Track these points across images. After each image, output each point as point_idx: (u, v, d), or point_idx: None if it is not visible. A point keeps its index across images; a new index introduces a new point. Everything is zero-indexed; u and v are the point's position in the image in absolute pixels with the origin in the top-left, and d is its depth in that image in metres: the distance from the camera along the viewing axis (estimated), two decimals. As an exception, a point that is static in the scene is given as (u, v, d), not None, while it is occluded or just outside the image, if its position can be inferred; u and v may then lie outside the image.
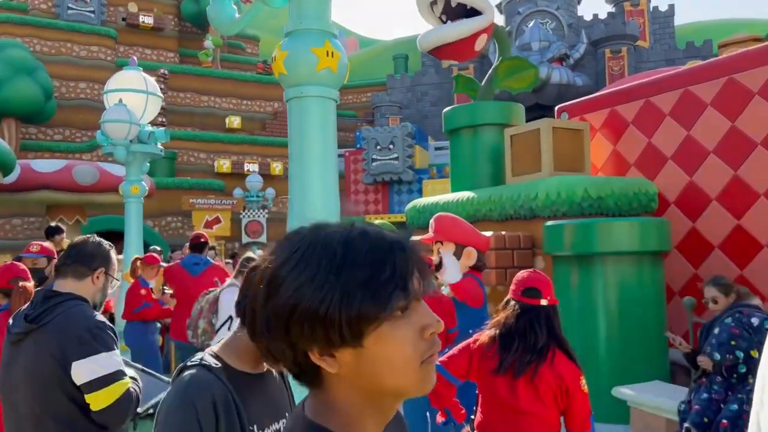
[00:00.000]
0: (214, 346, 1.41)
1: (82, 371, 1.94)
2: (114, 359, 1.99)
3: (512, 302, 2.52)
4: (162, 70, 20.46)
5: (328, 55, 2.23)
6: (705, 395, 3.51)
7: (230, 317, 4.52)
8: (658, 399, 4.07)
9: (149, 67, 20.47)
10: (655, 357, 5.01)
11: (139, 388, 2.12)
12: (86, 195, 11.52)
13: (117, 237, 7.70)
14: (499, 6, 26.39)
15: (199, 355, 1.37)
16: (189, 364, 1.36)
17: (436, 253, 4.92)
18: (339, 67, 2.34)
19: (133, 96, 6.12)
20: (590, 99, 7.23)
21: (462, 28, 6.85)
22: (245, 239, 18.91)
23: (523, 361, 2.38)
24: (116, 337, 2.04)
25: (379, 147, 21.05)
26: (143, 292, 5.34)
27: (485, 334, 2.52)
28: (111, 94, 6.18)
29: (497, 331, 2.48)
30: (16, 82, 17.02)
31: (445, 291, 4.65)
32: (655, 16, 24.43)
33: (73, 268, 2.10)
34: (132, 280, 5.40)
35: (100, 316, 2.05)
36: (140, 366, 2.28)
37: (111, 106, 5.99)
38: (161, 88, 20.76)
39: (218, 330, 4.48)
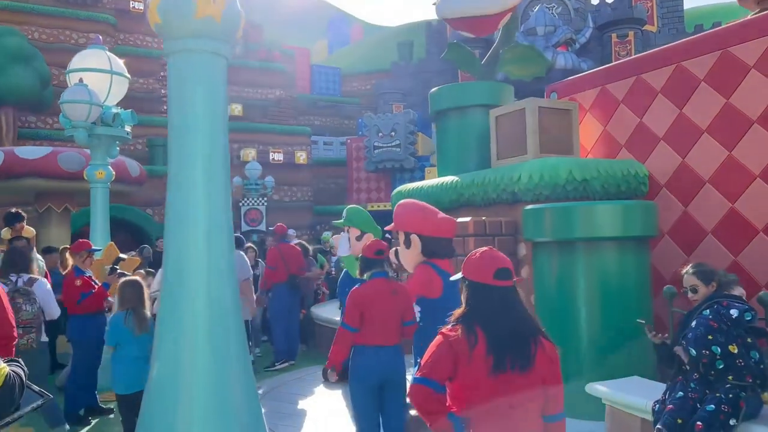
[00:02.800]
0: None
1: None
2: None
3: (480, 286, 2.16)
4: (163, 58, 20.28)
5: (208, 0, 1.91)
6: (680, 394, 3.19)
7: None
8: (633, 397, 3.75)
9: (150, 55, 20.26)
10: (639, 350, 4.69)
11: (17, 373, 1.88)
12: (75, 182, 11.29)
13: (111, 225, 7.41)
14: (504, -10, 25.82)
15: None
16: None
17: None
18: (225, 17, 1.99)
19: (97, 76, 5.84)
20: (580, 77, 6.86)
21: (496, 3, 6.44)
22: (244, 227, 18.74)
23: (524, 353, 2.08)
24: None
25: (381, 134, 20.71)
26: (78, 282, 5.11)
27: (458, 329, 2.13)
28: (73, 74, 5.92)
29: (475, 324, 2.10)
30: (12, 70, 16.88)
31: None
32: (664, 0, 23.76)
33: None
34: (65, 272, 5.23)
35: None
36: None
37: (70, 87, 5.72)
38: (163, 76, 20.60)
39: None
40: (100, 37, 6.72)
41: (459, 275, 2.28)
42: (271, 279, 7.76)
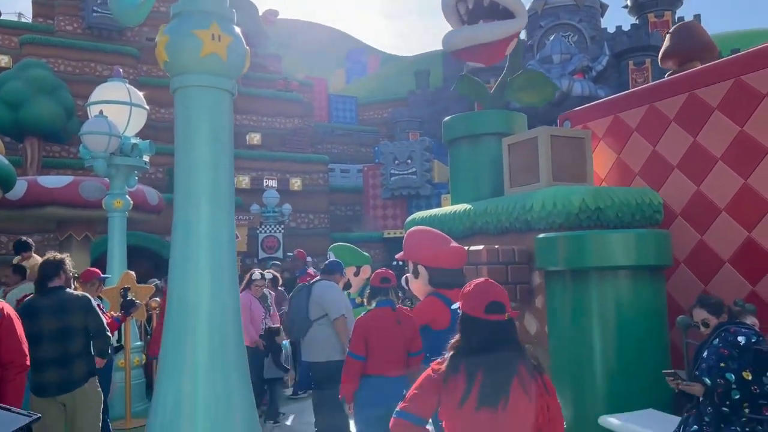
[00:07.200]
0: None
1: None
2: None
3: (471, 319, 2.11)
4: (181, 88, 20.72)
5: (214, 39, 1.96)
6: (695, 427, 3.11)
7: None
8: (646, 430, 3.67)
9: (170, 85, 20.67)
10: (654, 382, 4.59)
11: None
12: (95, 210, 11.47)
13: (132, 253, 7.38)
14: (520, 19, 26.08)
15: None
16: None
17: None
18: (230, 54, 2.05)
19: (116, 108, 6.00)
20: (592, 106, 6.87)
21: (498, 30, 6.51)
22: (261, 255, 18.83)
23: (501, 390, 1.96)
24: None
25: (397, 161, 20.86)
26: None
27: (445, 361, 2.11)
28: (94, 106, 6.09)
29: (461, 357, 2.06)
30: (37, 102, 17.33)
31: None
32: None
33: None
34: None
35: None
36: None
37: (90, 118, 5.89)
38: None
39: None
40: (121, 69, 6.90)
41: (457, 305, 2.27)
42: None
